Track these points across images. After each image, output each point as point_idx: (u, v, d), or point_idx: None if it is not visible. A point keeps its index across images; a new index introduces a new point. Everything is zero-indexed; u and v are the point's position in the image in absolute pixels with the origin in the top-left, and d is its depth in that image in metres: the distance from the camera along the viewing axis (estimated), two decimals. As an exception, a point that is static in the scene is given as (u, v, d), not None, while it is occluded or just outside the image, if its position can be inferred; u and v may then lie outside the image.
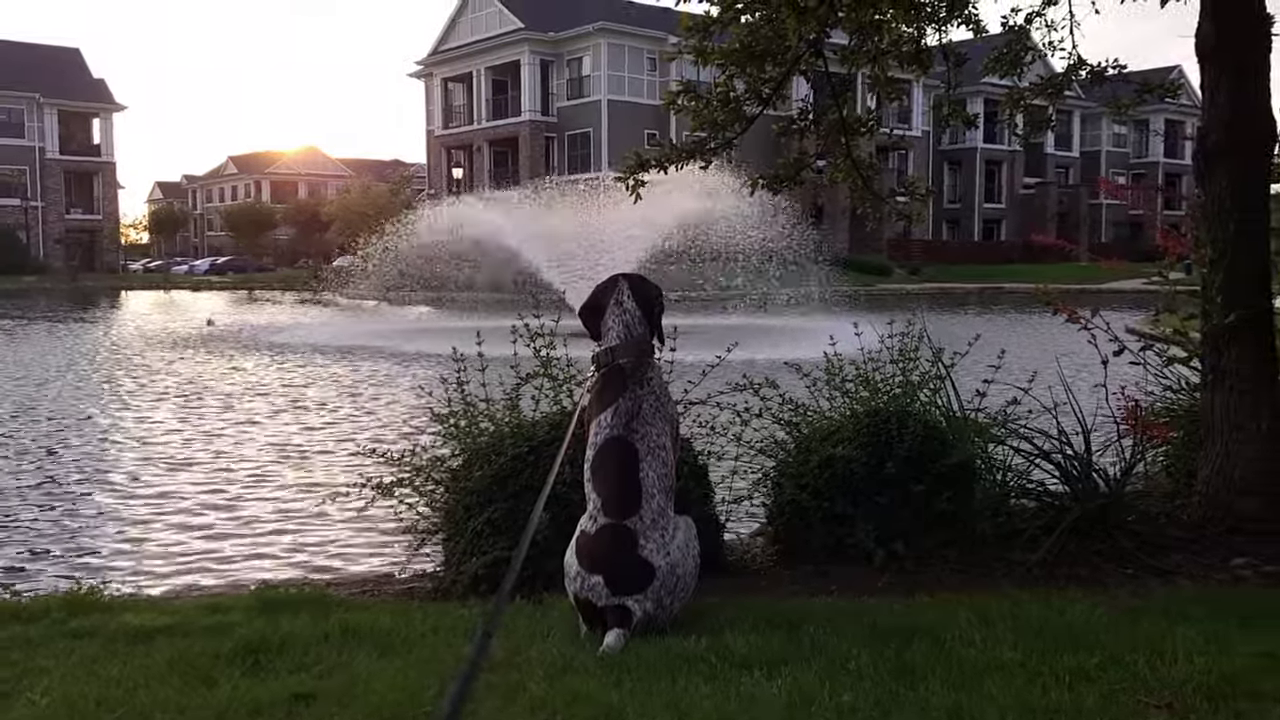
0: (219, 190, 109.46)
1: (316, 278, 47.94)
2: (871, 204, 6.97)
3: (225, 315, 32.89)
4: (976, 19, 6.57)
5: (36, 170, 64.00)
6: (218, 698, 2.86)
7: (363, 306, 34.89)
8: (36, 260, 61.37)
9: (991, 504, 4.76)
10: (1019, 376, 5.23)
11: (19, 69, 63.24)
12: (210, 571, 5.99)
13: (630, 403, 3.69)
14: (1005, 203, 70.50)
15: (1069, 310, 5.24)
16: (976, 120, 7.59)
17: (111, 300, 45.24)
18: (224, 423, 11.25)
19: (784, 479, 4.92)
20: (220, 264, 76.95)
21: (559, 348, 4.94)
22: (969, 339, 5.31)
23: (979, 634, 3.25)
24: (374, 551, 6.25)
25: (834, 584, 4.30)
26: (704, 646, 3.17)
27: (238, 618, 3.76)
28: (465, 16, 60.35)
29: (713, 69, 6.28)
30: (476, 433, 4.82)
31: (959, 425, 4.89)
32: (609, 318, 3.88)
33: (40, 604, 4.00)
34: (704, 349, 5.44)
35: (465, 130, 61.36)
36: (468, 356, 4.96)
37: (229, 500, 7.68)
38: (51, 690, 2.95)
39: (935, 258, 60.54)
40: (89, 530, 6.88)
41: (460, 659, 3.17)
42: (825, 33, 5.91)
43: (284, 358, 18.45)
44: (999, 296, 41.10)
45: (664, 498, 3.60)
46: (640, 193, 6.46)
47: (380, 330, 24.11)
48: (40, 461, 9.13)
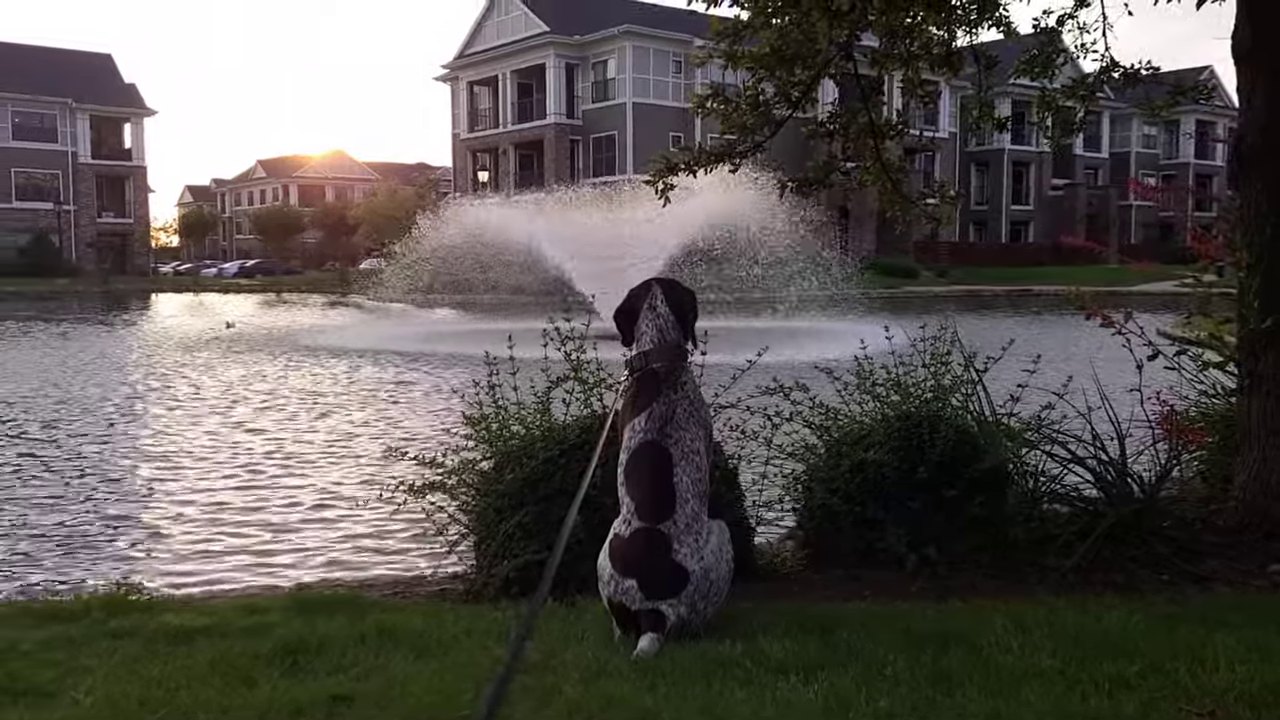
0: (247, 194, 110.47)
1: (343, 281, 48.32)
2: (901, 207, 6.94)
3: (253, 318, 33.18)
4: (1007, 21, 6.54)
5: (69, 174, 64.85)
6: (259, 698, 2.90)
7: (389, 309, 35.10)
8: (69, 263, 62.21)
9: (1025, 509, 4.73)
10: (1051, 380, 5.20)
11: (52, 75, 64.13)
12: (242, 572, 6.04)
13: (664, 407, 3.70)
14: (1033, 204, 69.99)
15: (1102, 314, 5.19)
16: (1007, 123, 7.55)
17: (142, 302, 45.76)
18: (250, 423, 11.35)
19: (815, 483, 4.91)
20: (249, 267, 77.72)
21: (589, 351, 4.95)
22: (998, 341, 5.28)
23: (1015, 640, 3.24)
24: (404, 553, 6.29)
25: (866, 589, 4.28)
26: (739, 651, 3.17)
27: (275, 619, 3.80)
28: (491, 20, 60.62)
29: (740, 72, 6.29)
30: (508, 436, 4.84)
31: (991, 430, 4.86)
32: (642, 322, 3.89)
33: (80, 604, 4.05)
34: (734, 351, 5.44)
35: (491, 133, 61.61)
36: (499, 359, 4.98)
37: (258, 501, 7.75)
38: (95, 690, 3.00)
39: (963, 260, 60.18)
40: (123, 531, 6.96)
41: (495, 661, 3.19)
42: (856, 36, 5.91)
43: (311, 360, 18.58)
44: (1027, 299, 40.80)
45: (698, 502, 3.61)
46: (669, 196, 6.48)
47: (407, 333, 24.23)
48: (71, 462, 9.24)
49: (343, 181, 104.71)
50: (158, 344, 22.69)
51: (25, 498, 7.81)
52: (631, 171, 49.17)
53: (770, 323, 20.92)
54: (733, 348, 5.66)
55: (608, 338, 4.99)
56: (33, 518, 7.20)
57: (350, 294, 42.37)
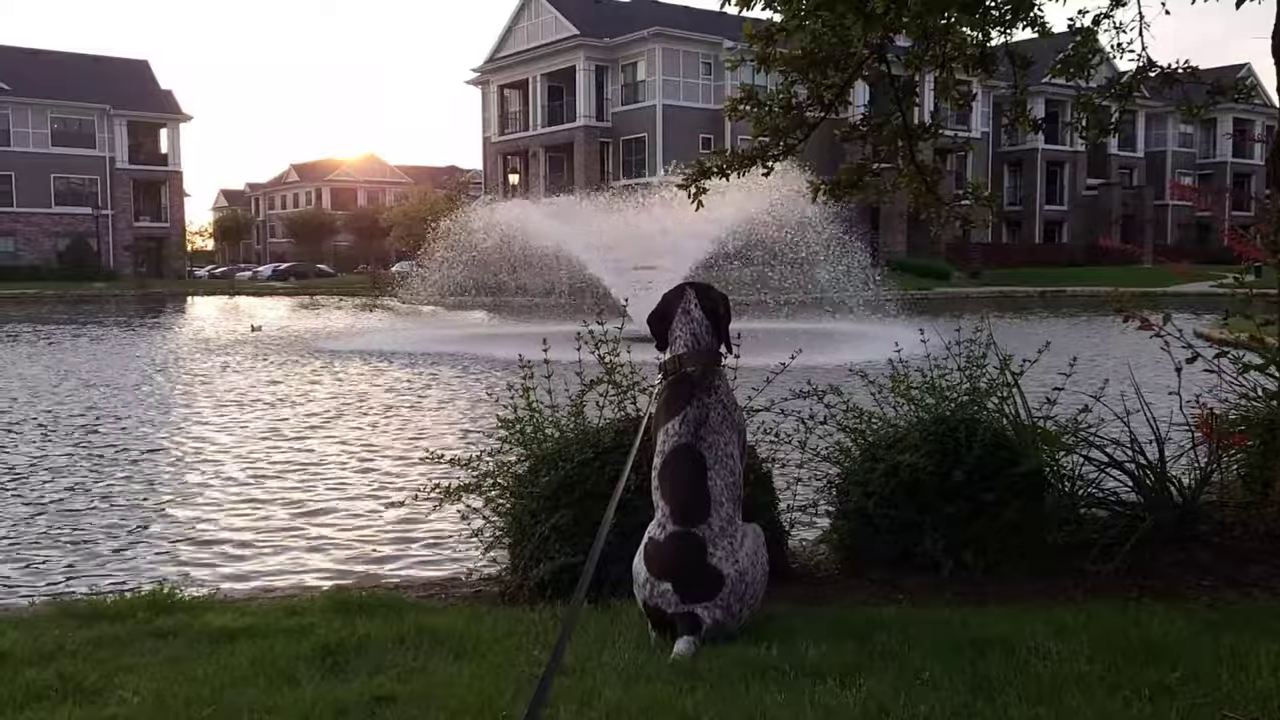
0: (281, 197, 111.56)
1: (375, 283, 48.69)
2: (936, 209, 6.91)
3: (286, 321, 33.50)
4: (1042, 21, 6.48)
5: (107, 179, 65.77)
6: (302, 698, 2.94)
7: (420, 311, 35.33)
8: (107, 267, 63.10)
9: (1062, 513, 4.69)
10: (1087, 383, 5.16)
11: (91, 82, 65.10)
12: (279, 573, 6.10)
13: (698, 411, 3.71)
14: (1067, 204, 69.31)
15: (1140, 317, 5.14)
16: (1042, 125, 7.49)
17: (177, 305, 46.33)
18: (284, 425, 11.47)
19: (849, 486, 4.90)
20: (283, 270, 78.50)
21: (623, 353, 4.97)
22: (1032, 344, 5.25)
23: (1055, 645, 3.22)
24: (439, 555, 6.34)
25: (902, 593, 4.27)
26: (776, 654, 3.18)
27: (315, 619, 3.84)
28: (521, 24, 60.90)
29: (773, 74, 6.28)
30: (542, 438, 4.86)
31: (1027, 433, 4.83)
32: (676, 326, 3.90)
33: (125, 604, 4.12)
34: (767, 354, 5.44)
35: (521, 136, 61.89)
36: (533, 362, 5.01)
37: (293, 502, 7.84)
38: (142, 689, 3.05)
39: (995, 260, 59.72)
40: (161, 532, 7.06)
41: (534, 664, 3.22)
42: (889, 37, 5.88)
43: (343, 362, 18.73)
44: (1061, 300, 40.41)
45: (732, 506, 3.62)
46: (701, 200, 6.48)
47: (439, 336, 24.37)
48: (107, 464, 9.38)
49: (375, 185, 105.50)
50: (191, 346, 22.96)
51: (66, 498, 7.94)
52: (661, 174, 49.19)
53: (802, 325, 20.85)
54: (765, 350, 5.66)
55: (641, 340, 5.01)
56: (74, 518, 7.31)
57: (382, 296, 42.73)
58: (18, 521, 7.21)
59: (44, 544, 6.67)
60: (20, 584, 5.88)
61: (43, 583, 5.90)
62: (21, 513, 7.50)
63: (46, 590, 5.68)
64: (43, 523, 7.21)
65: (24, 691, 3.06)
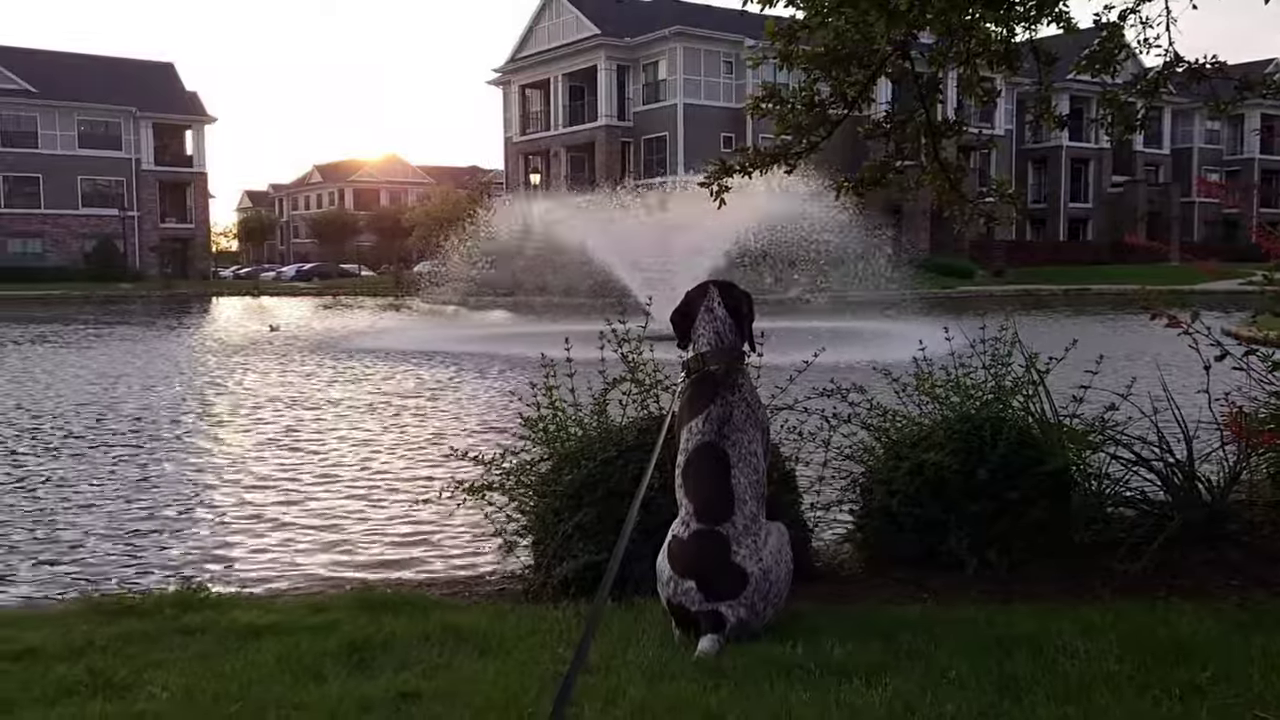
0: (304, 198, 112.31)
1: (398, 283, 48.91)
2: (960, 207, 6.86)
3: (314, 320, 33.71)
4: (1067, 16, 6.43)
5: (133, 181, 66.39)
6: (328, 694, 2.96)
7: (443, 311, 35.47)
8: (133, 268, 63.69)
9: (1089, 512, 4.66)
10: (1114, 381, 5.11)
11: (117, 84, 65.75)
12: (303, 570, 6.13)
13: (722, 409, 3.71)
14: (1092, 202, 68.75)
15: (1169, 315, 5.09)
16: (1067, 121, 7.43)
17: (202, 306, 46.71)
18: (307, 425, 11.54)
19: (873, 485, 4.88)
20: (306, 270, 79.05)
21: (645, 352, 4.97)
22: (1057, 342, 5.21)
23: (1083, 645, 3.20)
24: (463, 553, 6.35)
25: (927, 592, 4.25)
26: (801, 653, 3.17)
27: (340, 616, 3.87)
28: (543, 24, 61.03)
29: (795, 72, 6.25)
30: (565, 437, 4.87)
31: (1053, 432, 4.80)
32: (700, 324, 3.90)
33: (153, 600, 4.16)
34: (790, 352, 5.43)
35: (542, 136, 62.02)
36: (555, 361, 5.01)
37: (315, 500, 7.88)
38: (171, 684, 3.08)
39: (1019, 259, 59.29)
40: (186, 529, 7.11)
41: (558, 661, 3.23)
42: (913, 34, 5.85)
43: (365, 361, 18.82)
44: (1086, 299, 40.10)
45: (756, 504, 3.62)
46: (724, 197, 6.47)
47: (461, 335, 24.46)
48: (133, 463, 9.47)
49: (397, 185, 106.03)
50: (214, 346, 23.14)
51: (93, 495, 8.02)
52: (682, 173, 49.17)
53: (824, 323, 20.78)
54: (787, 348, 5.65)
55: (663, 339, 5.01)
56: (101, 515, 7.39)
57: (404, 296, 42.94)
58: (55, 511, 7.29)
59: (69, 540, 6.74)
60: (43, 580, 5.94)
61: (63, 579, 5.95)
62: (53, 507, 7.58)
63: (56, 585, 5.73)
64: (68, 520, 7.27)
65: (55, 687, 3.10)
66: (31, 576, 5.99)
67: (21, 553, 6.44)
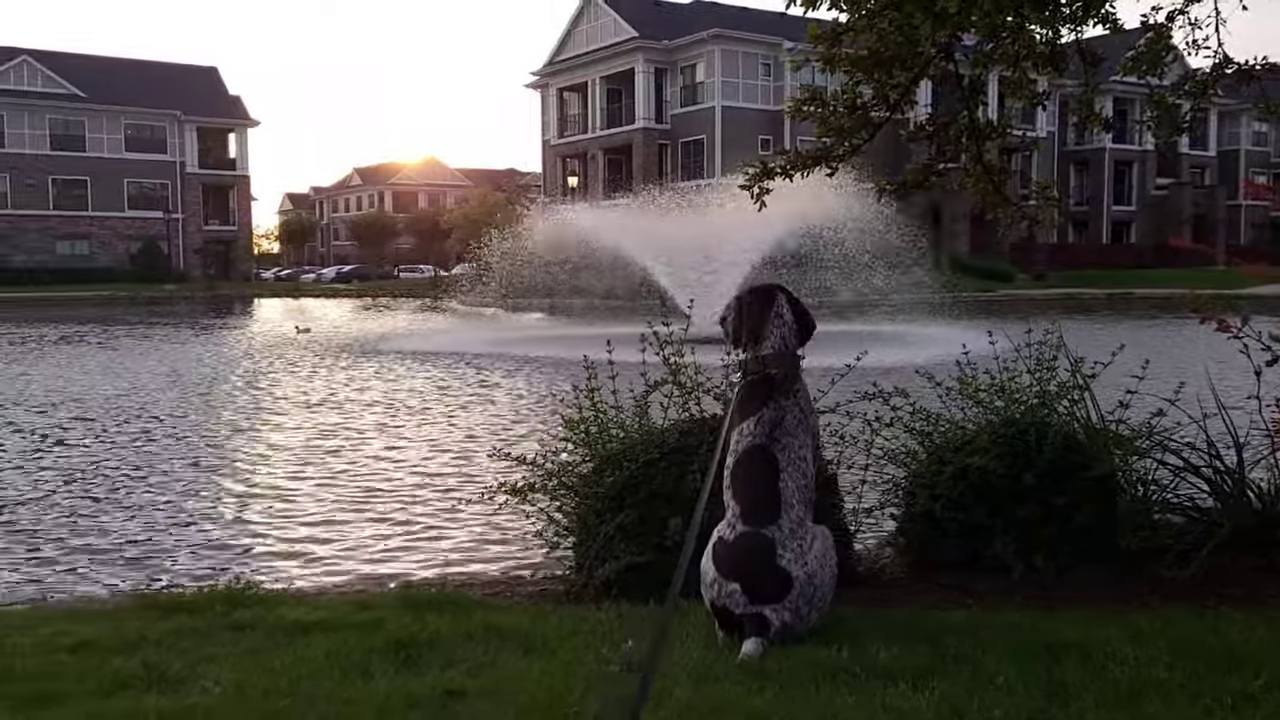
0: (344, 201, 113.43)
1: (435, 285, 49.26)
2: (1003, 209, 6.80)
3: (350, 321, 34.04)
4: (1114, 17, 6.36)
5: (177, 184, 67.45)
6: (376, 691, 3.00)
7: (481, 313, 35.68)
8: (177, 269, 64.69)
9: (1136, 518, 4.61)
10: (1160, 386, 5.05)
11: (163, 88, 66.86)
12: (347, 569, 6.20)
13: (774, 413, 3.71)
14: (1136, 204, 67.81)
15: (1219, 319, 5.02)
16: (1111, 122, 7.33)
17: (244, 307, 47.33)
18: (346, 425, 11.65)
19: (916, 489, 4.86)
20: (346, 272, 79.86)
21: (687, 355, 4.98)
22: (1100, 346, 5.16)
23: (1131, 651, 3.16)
24: (503, 553, 6.39)
25: (971, 597, 4.22)
26: (846, 656, 3.17)
27: (386, 614, 3.92)
28: (581, 27, 61.22)
29: (837, 74, 6.23)
30: (607, 439, 4.89)
31: (1099, 437, 4.75)
32: (768, 328, 3.87)
33: (204, 597, 4.24)
34: (830, 355, 5.40)
35: (580, 139, 62.20)
36: (596, 362, 5.03)
37: (360, 499, 7.95)
38: (223, 679, 3.13)
39: (1061, 261, 58.58)
40: (228, 527, 7.22)
41: (601, 661, 3.25)
42: (957, 36, 5.81)
43: (406, 362, 18.97)
44: (1131, 303, 39.53)
45: (803, 508, 3.62)
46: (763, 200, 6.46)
47: (500, 338, 24.58)
48: (183, 461, 9.62)
49: (435, 188, 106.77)
50: (256, 347, 23.44)
51: (137, 492, 8.16)
52: (720, 175, 49.09)
53: (865, 326, 20.68)
54: (829, 351, 5.63)
55: (705, 342, 5.01)
56: (147, 512, 7.51)
57: (442, 298, 43.23)
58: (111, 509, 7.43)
59: (116, 538, 6.86)
60: (86, 575, 6.05)
61: (107, 574, 6.06)
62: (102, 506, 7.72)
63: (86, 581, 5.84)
64: (120, 519, 7.40)
65: (111, 679, 3.16)
66: (83, 571, 6.11)
67: (72, 547, 6.57)
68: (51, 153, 64.22)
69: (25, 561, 6.28)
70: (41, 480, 8.65)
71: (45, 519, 7.31)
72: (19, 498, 7.98)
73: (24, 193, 63.44)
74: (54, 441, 10.68)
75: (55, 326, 30.58)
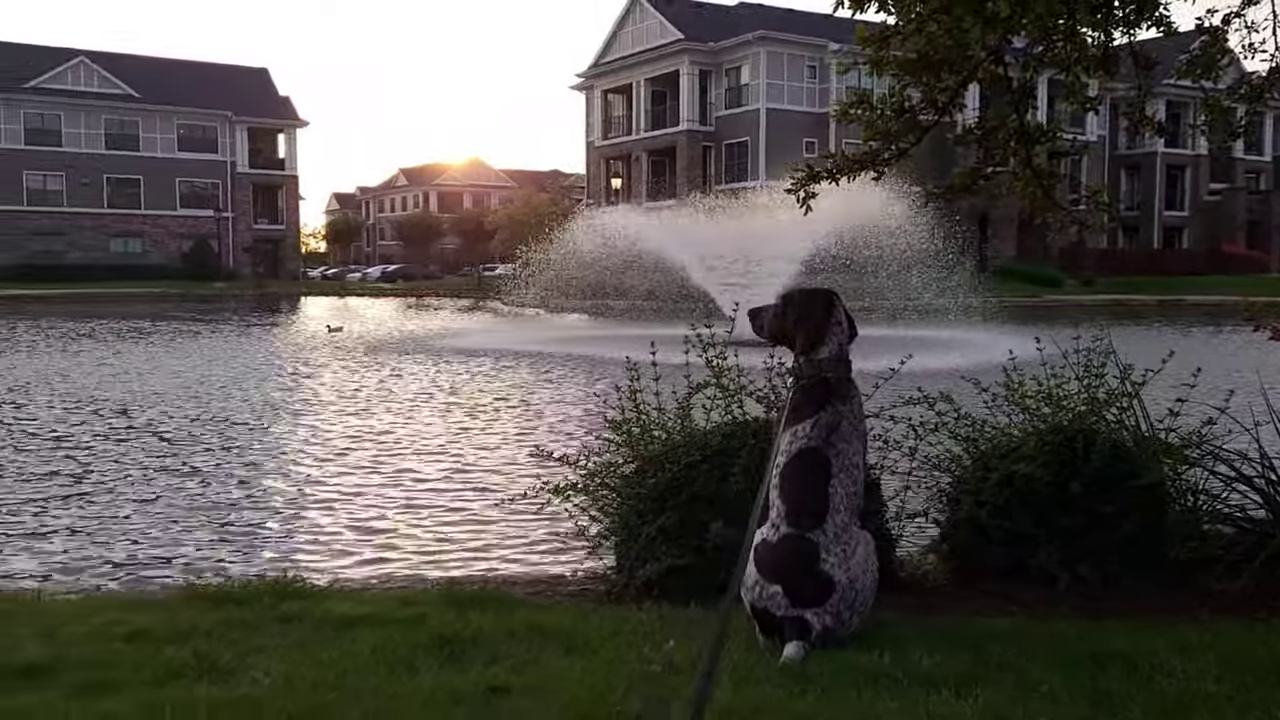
0: (390, 201, 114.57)
1: (479, 285, 49.61)
2: (1053, 214, 6.73)
3: (398, 320, 34.36)
4: (1168, 20, 6.27)
5: (228, 183, 68.56)
6: (421, 686, 3.04)
7: (523, 314, 35.88)
8: (226, 267, 65.74)
9: (1185, 529, 4.54)
10: (1212, 394, 4.97)
11: (214, 89, 68.02)
12: (386, 564, 6.26)
13: (831, 417, 3.71)
14: (1188, 210, 66.62)
15: (1273, 326, 4.94)
16: (1165, 126, 7.23)
17: (291, 305, 47.95)
18: (388, 422, 11.77)
19: (960, 495, 4.83)
20: (390, 271, 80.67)
21: (730, 358, 4.98)
22: (1148, 353, 5.10)
23: (1179, 663, 3.12)
24: (543, 552, 6.43)
25: (1015, 605, 4.19)
26: (888, 662, 3.16)
27: (430, 610, 3.96)
28: (626, 29, 61.37)
29: (885, 77, 6.20)
30: (649, 440, 4.91)
31: (1148, 445, 4.69)
32: (826, 332, 3.86)
33: (252, 590, 4.31)
34: (874, 359, 5.38)
35: (624, 141, 62.34)
36: (640, 364, 5.05)
37: (401, 495, 8.04)
38: (272, 670, 3.19)
39: (1110, 267, 57.72)
40: (273, 522, 7.33)
41: (644, 661, 3.26)
42: (1007, 39, 5.76)
43: (450, 361, 19.12)
44: (1182, 310, 38.83)
45: (849, 515, 3.62)
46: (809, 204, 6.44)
47: (542, 337, 24.70)
48: (227, 456, 9.78)
49: (480, 189, 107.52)
50: (303, 345, 23.75)
51: (183, 485, 8.32)
52: (763, 178, 48.96)
53: (910, 331, 20.53)
54: (872, 356, 5.60)
55: (748, 345, 5.01)
56: (195, 506, 7.65)
57: (486, 298, 43.53)
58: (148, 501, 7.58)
59: (165, 529, 7.00)
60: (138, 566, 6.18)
61: (160, 567, 6.18)
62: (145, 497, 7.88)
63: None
64: (164, 510, 7.55)
65: (164, 668, 3.24)
66: (134, 560, 6.24)
67: (125, 538, 6.71)
68: (106, 152, 65.54)
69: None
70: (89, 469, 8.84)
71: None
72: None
73: (80, 191, 64.82)
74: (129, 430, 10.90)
75: (121, 321, 31.18)
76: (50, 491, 8.07)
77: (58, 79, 64.28)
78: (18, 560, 6.21)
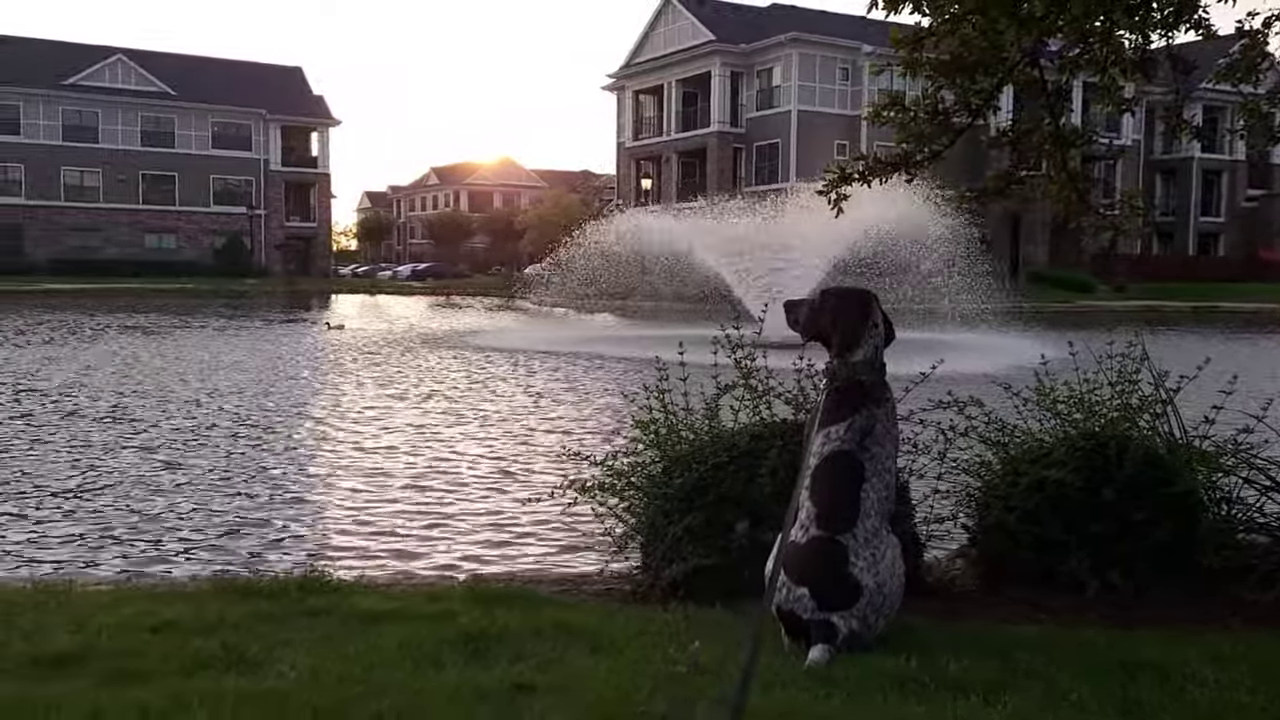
0: (421, 200, 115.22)
1: (508, 284, 49.77)
2: (1087, 218, 6.67)
3: (428, 318, 34.52)
4: (1206, 23, 6.20)
5: (261, 181, 69.18)
6: (446, 681, 3.05)
7: (552, 313, 35.94)
8: (259, 264, 66.36)
9: (1218, 537, 4.48)
10: (1248, 402, 4.90)
11: (249, 87, 68.67)
12: (412, 560, 6.28)
13: (866, 420, 3.69)
14: (1224, 216, 65.73)
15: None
16: (1203, 131, 7.14)
17: (322, 302, 48.31)
18: (414, 419, 11.82)
19: (990, 500, 4.78)
20: (421, 270, 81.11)
21: (758, 359, 4.97)
22: (1182, 359, 5.03)
23: (1211, 674, 3.08)
24: (569, 551, 6.43)
25: (1044, 612, 4.15)
26: (915, 667, 3.14)
27: (456, 607, 3.97)
28: (658, 30, 61.39)
29: (918, 79, 6.16)
30: (676, 440, 4.90)
31: (1182, 453, 4.63)
32: (863, 335, 3.84)
33: (280, 584, 4.34)
34: (904, 363, 5.34)
35: (655, 141, 62.34)
36: (668, 364, 5.04)
37: (427, 493, 8.06)
38: (298, 663, 3.21)
39: (1143, 273, 57.06)
40: (298, 517, 7.38)
41: (669, 661, 3.26)
42: (1043, 41, 5.71)
43: (482, 359, 19.19)
44: (1217, 316, 38.31)
45: (879, 519, 3.60)
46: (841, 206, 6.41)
47: (571, 336, 24.74)
48: (254, 452, 9.87)
49: (510, 188, 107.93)
50: (333, 344, 23.92)
51: (214, 480, 8.40)
52: (794, 179, 48.79)
53: (941, 334, 20.38)
54: (903, 359, 5.56)
55: (776, 346, 4.99)
56: (224, 500, 7.73)
57: (515, 297, 43.64)
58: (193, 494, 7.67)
59: (192, 522, 7.07)
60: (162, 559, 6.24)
61: (184, 561, 6.24)
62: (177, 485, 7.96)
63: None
64: (194, 502, 7.62)
65: (192, 659, 3.27)
66: (170, 555, 6.31)
67: (156, 534, 6.79)
68: (142, 148, 66.30)
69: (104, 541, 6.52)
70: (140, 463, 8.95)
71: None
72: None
73: (116, 187, 65.62)
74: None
75: (157, 314, 31.53)
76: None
77: (95, 76, 65.12)
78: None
